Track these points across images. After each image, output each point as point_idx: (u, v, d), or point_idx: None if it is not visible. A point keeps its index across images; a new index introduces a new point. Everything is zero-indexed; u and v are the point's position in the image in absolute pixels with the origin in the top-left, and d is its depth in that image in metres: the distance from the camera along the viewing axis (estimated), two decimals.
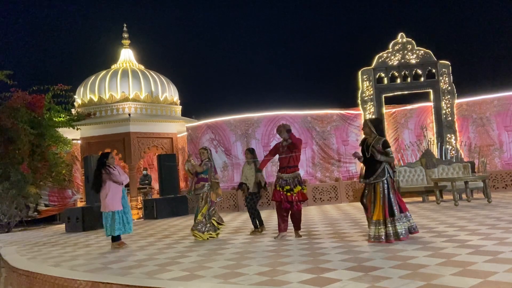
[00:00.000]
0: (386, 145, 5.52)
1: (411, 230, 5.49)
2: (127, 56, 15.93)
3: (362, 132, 5.78)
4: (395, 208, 5.39)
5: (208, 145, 13.69)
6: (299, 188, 6.31)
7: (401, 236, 5.32)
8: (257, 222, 7.32)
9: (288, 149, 6.41)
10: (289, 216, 6.51)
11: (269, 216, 9.99)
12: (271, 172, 13.36)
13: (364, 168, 5.66)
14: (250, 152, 7.43)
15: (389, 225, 5.34)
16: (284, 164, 6.43)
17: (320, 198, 12.44)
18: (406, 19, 22.78)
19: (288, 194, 6.31)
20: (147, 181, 14.88)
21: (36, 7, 27.84)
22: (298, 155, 6.43)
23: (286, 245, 5.77)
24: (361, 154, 5.67)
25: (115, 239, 6.82)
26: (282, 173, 6.41)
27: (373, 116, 13.28)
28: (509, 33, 21.41)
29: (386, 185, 5.44)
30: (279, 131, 6.54)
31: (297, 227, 6.49)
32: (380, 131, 5.67)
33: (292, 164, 6.40)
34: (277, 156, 6.69)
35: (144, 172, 15.26)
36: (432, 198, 10.83)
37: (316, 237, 6.24)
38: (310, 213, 10.05)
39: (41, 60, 26.72)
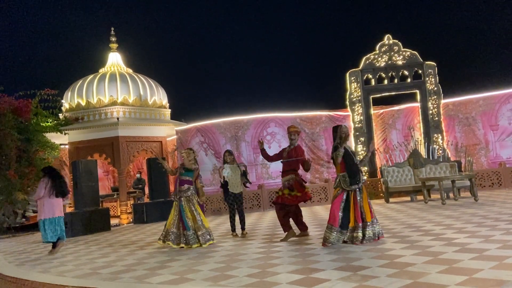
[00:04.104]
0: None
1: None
2: (115, 59, 15.83)
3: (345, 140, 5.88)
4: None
5: (197, 148, 13.68)
6: (287, 190, 6.48)
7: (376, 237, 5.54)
8: (234, 226, 7.40)
9: (288, 154, 6.64)
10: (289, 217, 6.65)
11: (260, 219, 10.02)
12: (260, 174, 13.40)
13: (349, 174, 5.73)
14: (230, 153, 7.55)
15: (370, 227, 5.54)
16: (285, 168, 6.64)
17: (310, 199, 12.47)
18: (393, 21, 23.04)
19: (287, 195, 6.49)
20: (141, 185, 14.72)
21: (21, 11, 27.56)
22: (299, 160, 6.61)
23: (276, 247, 5.80)
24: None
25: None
26: (282, 177, 6.64)
27: (361, 118, 13.42)
28: (493, 34, 21.79)
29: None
30: (296, 133, 6.66)
31: (301, 227, 6.57)
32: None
33: (287, 168, 6.59)
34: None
35: (138, 175, 15.10)
36: (420, 197, 10.96)
37: (305, 238, 6.28)
38: None
39: (28, 64, 26.44)
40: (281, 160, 6.73)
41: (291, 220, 6.64)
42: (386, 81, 13.57)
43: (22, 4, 27.13)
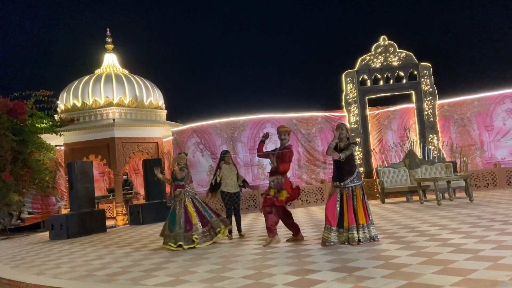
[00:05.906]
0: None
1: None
2: (110, 60, 15.80)
3: (339, 135, 5.78)
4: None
5: (194, 149, 13.67)
6: (273, 191, 6.14)
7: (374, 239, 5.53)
8: (238, 227, 7.33)
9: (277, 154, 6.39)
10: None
11: (256, 219, 10.03)
12: (257, 175, 13.40)
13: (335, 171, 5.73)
14: (227, 153, 7.49)
15: (365, 230, 5.52)
16: (272, 169, 6.35)
17: (306, 200, 12.51)
18: (388, 22, 23.10)
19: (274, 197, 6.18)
20: (128, 187, 14.68)
21: (16, 11, 27.44)
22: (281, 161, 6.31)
23: (272, 247, 5.80)
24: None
25: None
26: (269, 177, 6.38)
27: (357, 118, 13.46)
28: (488, 34, 21.90)
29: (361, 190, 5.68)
30: (286, 133, 6.64)
31: (293, 230, 6.31)
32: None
33: (274, 169, 6.30)
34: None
35: (125, 177, 15.07)
36: (416, 198, 10.99)
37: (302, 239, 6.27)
38: (296, 215, 10.09)
39: (23, 65, 26.33)
40: (269, 160, 6.59)
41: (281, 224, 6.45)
42: (381, 82, 13.62)
43: (18, 5, 27.02)
